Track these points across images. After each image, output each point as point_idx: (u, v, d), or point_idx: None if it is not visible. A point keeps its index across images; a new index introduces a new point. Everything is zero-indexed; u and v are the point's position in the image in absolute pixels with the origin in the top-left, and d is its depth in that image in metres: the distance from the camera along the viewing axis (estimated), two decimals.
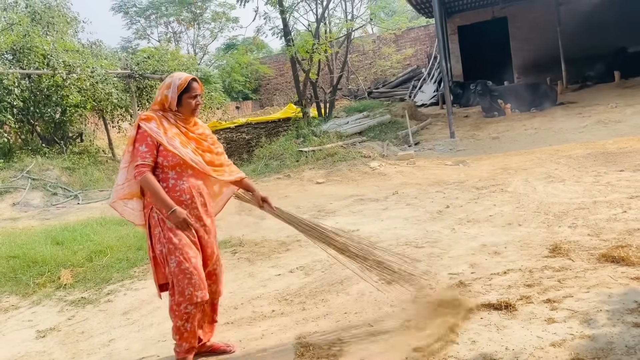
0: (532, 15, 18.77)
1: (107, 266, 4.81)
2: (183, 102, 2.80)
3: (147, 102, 12.18)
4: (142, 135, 2.71)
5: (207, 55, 28.78)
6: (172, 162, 2.71)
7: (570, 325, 2.71)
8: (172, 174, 2.73)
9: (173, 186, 2.73)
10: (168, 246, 2.67)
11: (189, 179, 2.77)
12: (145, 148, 2.69)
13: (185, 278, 2.65)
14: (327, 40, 13.02)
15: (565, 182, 5.89)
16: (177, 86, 2.77)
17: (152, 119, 2.73)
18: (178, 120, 2.81)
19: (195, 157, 2.77)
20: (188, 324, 2.74)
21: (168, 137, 2.72)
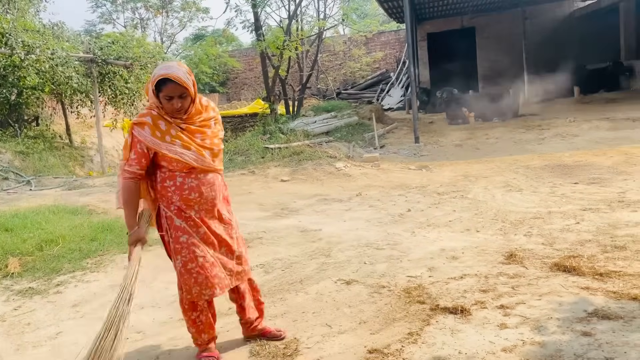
0: (499, 27, 19.27)
1: (58, 256, 4.63)
2: (162, 101, 2.55)
3: (108, 88, 11.83)
4: (134, 142, 2.56)
5: (174, 44, 28.29)
6: (177, 166, 2.57)
7: (521, 332, 2.77)
8: (178, 172, 2.60)
9: (181, 184, 2.60)
10: (174, 245, 2.62)
11: (197, 175, 2.61)
12: (134, 155, 2.56)
13: (191, 278, 2.61)
14: (299, 38, 12.98)
15: (523, 191, 6.05)
16: (152, 83, 2.53)
17: (145, 125, 2.53)
18: (175, 118, 2.59)
19: (199, 158, 2.59)
20: (203, 316, 2.72)
21: (167, 142, 2.54)
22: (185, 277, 2.62)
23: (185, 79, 2.50)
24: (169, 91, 2.49)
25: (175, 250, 2.63)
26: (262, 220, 5.78)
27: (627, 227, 4.31)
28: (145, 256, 4.59)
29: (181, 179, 2.59)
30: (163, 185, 2.61)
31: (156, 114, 2.57)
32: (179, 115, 2.58)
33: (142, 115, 2.59)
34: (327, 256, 4.35)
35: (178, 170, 2.58)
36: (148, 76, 12.17)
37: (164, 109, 2.56)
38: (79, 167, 11.37)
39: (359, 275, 3.83)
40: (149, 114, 2.58)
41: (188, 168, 2.58)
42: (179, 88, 2.49)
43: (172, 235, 2.62)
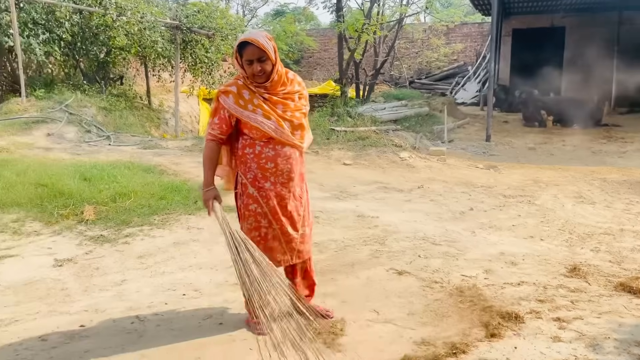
0: (591, 29, 18.11)
1: (129, 209, 4.92)
2: (244, 66, 2.62)
3: (189, 55, 12.23)
4: (218, 107, 2.69)
5: (255, 18, 28.72)
6: (257, 134, 2.66)
7: (575, 347, 2.68)
8: (258, 141, 2.69)
9: (259, 153, 2.69)
10: (244, 211, 2.74)
11: (275, 146, 2.68)
12: (217, 120, 2.69)
13: (256, 244, 2.69)
14: (378, 22, 12.83)
15: (596, 205, 5.76)
16: (235, 49, 2.64)
17: (230, 94, 2.65)
18: (259, 87, 2.66)
19: (278, 128, 2.65)
20: None
21: (249, 110, 2.63)
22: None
23: (263, 42, 2.56)
24: (249, 54, 2.57)
25: (243, 216, 2.75)
26: (320, 200, 5.84)
27: None
28: (207, 221, 4.80)
29: (260, 148, 2.68)
30: (243, 151, 2.71)
31: (242, 83, 2.67)
32: (260, 81, 2.63)
33: (229, 84, 2.72)
34: (382, 244, 4.36)
35: (258, 138, 2.67)
36: (228, 47, 12.51)
37: (248, 76, 2.64)
38: (154, 128, 11.92)
39: (411, 268, 3.82)
40: (234, 83, 2.69)
41: (267, 137, 2.66)
42: (257, 51, 2.56)
43: (244, 202, 2.74)
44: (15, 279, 3.52)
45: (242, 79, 2.68)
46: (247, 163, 2.71)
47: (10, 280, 3.50)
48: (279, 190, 2.72)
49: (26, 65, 10.43)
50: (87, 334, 2.82)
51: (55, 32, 9.87)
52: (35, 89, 9.83)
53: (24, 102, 9.24)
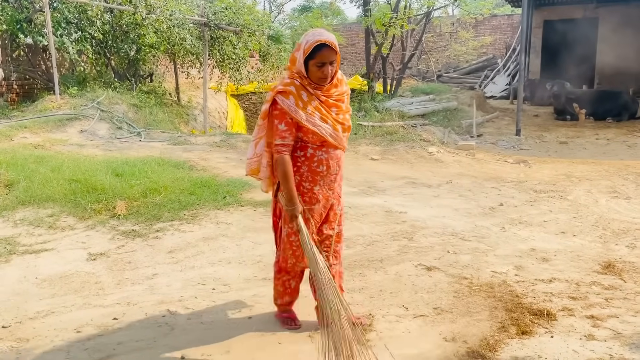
0: (626, 19, 17.51)
1: (160, 205, 5.01)
2: (310, 69, 2.49)
3: (217, 52, 12.34)
4: (281, 113, 2.50)
5: (282, 14, 28.80)
6: (312, 139, 2.56)
7: (610, 346, 2.62)
8: (311, 144, 2.58)
9: (311, 156, 2.58)
10: (285, 215, 2.62)
11: (328, 149, 2.60)
12: (284, 127, 2.50)
13: (290, 249, 2.69)
14: (406, 16, 12.70)
15: (631, 200, 5.59)
16: (304, 50, 2.46)
17: (290, 95, 2.49)
18: (317, 89, 2.54)
19: (334, 133, 2.57)
20: (292, 281, 2.84)
21: (308, 113, 2.51)
22: (286, 247, 2.70)
23: (336, 44, 2.49)
24: (324, 57, 2.45)
25: (284, 220, 2.67)
26: (348, 195, 5.83)
27: None
28: (236, 216, 4.85)
29: (312, 151, 2.58)
30: (293, 154, 2.57)
31: (299, 84, 2.52)
32: (323, 84, 2.54)
33: (286, 84, 2.53)
34: (410, 239, 4.33)
35: (311, 142, 2.57)
36: (255, 43, 12.55)
37: (310, 78, 2.51)
38: (183, 124, 12.08)
39: (440, 263, 3.78)
40: (292, 83, 2.53)
41: (321, 141, 2.57)
42: (332, 54, 2.46)
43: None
44: (51, 272, 3.63)
45: (298, 79, 2.53)
46: (297, 166, 2.59)
47: (46, 274, 3.61)
48: (325, 192, 2.66)
49: (59, 63, 10.71)
50: (120, 327, 2.89)
51: (87, 30, 10.08)
52: (68, 86, 10.07)
53: (57, 99, 9.49)
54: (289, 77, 2.57)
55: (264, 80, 13.30)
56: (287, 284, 2.85)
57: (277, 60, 13.15)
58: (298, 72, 2.53)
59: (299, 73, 2.53)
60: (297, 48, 2.52)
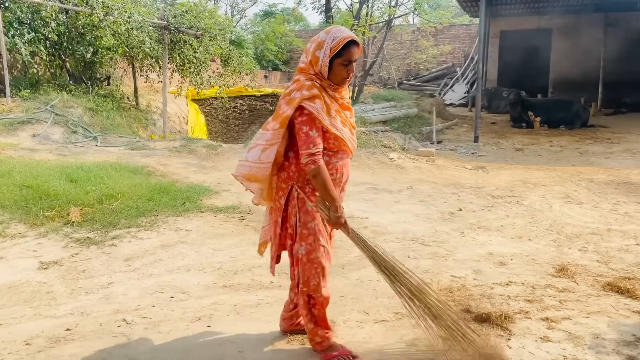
0: (578, 31, 18.32)
1: (116, 211, 4.86)
2: (334, 68, 2.33)
3: (177, 56, 12.14)
4: (310, 118, 2.31)
5: (244, 19, 28.65)
6: (332, 144, 2.40)
7: (564, 347, 2.69)
8: (327, 151, 2.41)
9: (327, 163, 2.39)
10: (301, 230, 2.44)
11: (342, 156, 2.47)
12: (316, 133, 2.31)
13: (312, 268, 2.45)
14: (367, 24, 12.85)
15: (583, 205, 5.81)
16: (330, 48, 2.30)
17: (317, 98, 2.31)
18: (335, 92, 2.41)
19: (351, 137, 2.47)
20: (315, 310, 2.53)
21: (331, 117, 2.36)
22: (307, 267, 2.45)
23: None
24: (352, 55, 2.33)
25: (301, 236, 2.44)
26: None
27: None
28: (195, 222, 4.76)
29: (327, 158, 2.40)
30: None
31: (320, 85, 2.36)
32: (344, 85, 2.43)
33: (310, 87, 2.34)
34: None
35: (330, 148, 2.41)
36: (216, 48, 12.41)
37: (332, 78, 2.37)
38: (142, 129, 11.81)
39: None
40: (314, 85, 2.34)
41: (336, 148, 2.43)
42: (358, 51, 2.36)
43: (301, 220, 2.44)
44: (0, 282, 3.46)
45: (317, 80, 2.37)
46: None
47: None
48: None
49: (11, 65, 10.28)
50: (73, 338, 2.78)
51: (41, 31, 9.73)
52: (20, 89, 9.68)
53: (9, 102, 9.10)
54: (308, 79, 2.37)
55: (225, 84, 13.18)
56: (313, 313, 2.52)
57: (238, 65, 13.05)
58: (317, 73, 2.36)
59: (318, 74, 2.36)
60: (317, 46, 2.34)
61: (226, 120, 16.65)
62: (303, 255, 2.45)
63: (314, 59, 2.35)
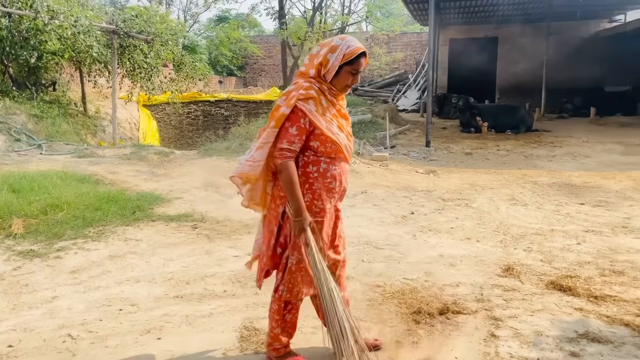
0: (522, 40, 19.13)
1: (62, 222, 4.69)
2: (340, 74, 2.38)
3: (127, 61, 11.85)
4: (297, 115, 2.32)
5: (197, 24, 28.28)
6: (329, 148, 2.38)
7: (510, 345, 2.78)
8: (324, 158, 2.40)
9: (324, 171, 2.39)
10: (295, 239, 2.40)
11: (340, 163, 2.45)
12: (295, 131, 2.32)
13: (298, 276, 2.43)
14: (321, 30, 12.96)
15: (528, 206, 6.04)
16: (344, 54, 2.35)
17: (311, 99, 2.33)
18: (334, 97, 2.44)
19: (348, 144, 2.47)
20: (290, 314, 2.55)
21: (327, 120, 2.38)
22: (294, 275, 2.43)
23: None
24: (360, 66, 2.40)
25: (294, 246, 2.41)
26: None
27: (628, 253, 4.30)
28: (146, 232, 4.65)
29: (325, 165, 2.40)
30: (305, 170, 2.39)
31: (318, 88, 2.39)
32: (345, 93, 2.48)
33: (306, 87, 2.37)
34: None
35: (325, 154, 2.40)
36: (168, 53, 12.20)
37: (335, 84, 2.41)
38: (90, 135, 11.45)
39: (356, 273, 3.85)
40: (311, 87, 2.37)
41: (333, 154, 2.42)
42: (365, 64, 2.44)
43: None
44: None
45: (316, 83, 2.40)
46: (310, 182, 2.39)
47: None
48: (333, 211, 2.51)
49: None
50: (16, 355, 2.66)
51: None
52: None
53: None
54: (306, 81, 2.41)
55: (178, 90, 12.97)
56: (282, 321, 2.54)
57: (191, 71, 12.88)
58: (319, 76, 2.41)
59: (318, 78, 2.41)
60: (330, 50, 2.38)
61: (179, 126, 16.37)
62: (293, 265, 2.43)
63: (324, 60, 2.39)
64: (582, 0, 14.22)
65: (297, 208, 2.31)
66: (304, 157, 2.40)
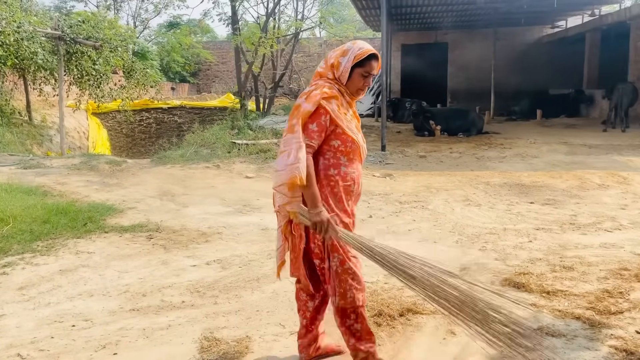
0: (470, 45, 19.75)
1: (8, 236, 4.47)
2: (353, 77, 2.41)
3: (75, 68, 11.46)
4: (318, 112, 2.32)
5: (147, 30, 27.69)
6: (349, 147, 2.39)
7: (468, 342, 2.84)
8: (344, 159, 2.40)
9: (345, 174, 2.40)
10: (331, 242, 2.37)
11: (357, 165, 2.47)
12: (315, 127, 2.32)
13: (348, 278, 2.39)
14: (275, 36, 12.95)
15: (481, 206, 6.21)
16: (355, 56, 2.38)
17: (333, 98, 2.36)
18: (352, 99, 2.48)
19: (363, 145, 2.50)
20: (357, 324, 2.47)
21: (347, 119, 2.41)
22: (342, 278, 2.39)
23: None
24: (372, 68, 2.41)
25: (332, 248, 2.38)
26: (223, 215, 5.73)
27: (576, 249, 4.49)
28: (98, 244, 4.50)
29: (345, 168, 2.41)
30: (327, 173, 2.38)
31: (337, 89, 2.42)
32: (359, 96, 2.50)
33: (329, 86, 2.40)
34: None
35: (344, 154, 2.40)
36: (118, 59, 11.88)
37: (348, 86, 2.43)
38: (37, 146, 11.00)
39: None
40: (332, 87, 2.41)
41: (352, 154, 2.42)
42: (378, 67, 2.45)
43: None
44: None
45: (335, 84, 2.42)
46: (331, 185, 2.38)
47: None
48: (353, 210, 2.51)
49: None
50: None
51: None
52: None
53: None
54: (326, 82, 2.43)
55: (129, 97, 12.64)
56: (353, 329, 2.46)
57: (142, 77, 12.58)
58: (336, 78, 2.43)
59: (335, 80, 2.43)
60: (342, 53, 2.42)
61: (131, 134, 15.96)
62: (337, 267, 2.40)
63: (336, 63, 2.43)
64: (526, 7, 14.81)
65: (313, 199, 2.27)
66: (324, 160, 2.39)
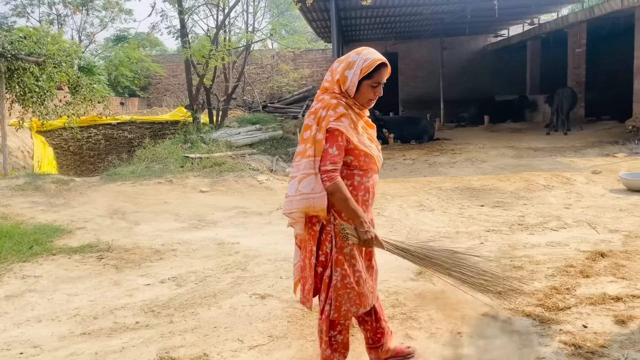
0: (419, 54, 20.29)
1: None
2: (361, 89, 2.34)
3: (17, 85, 10.99)
4: (333, 135, 2.26)
5: (93, 44, 26.97)
6: (362, 161, 2.36)
7: (427, 345, 2.90)
8: (357, 171, 2.37)
9: (359, 184, 2.38)
10: (337, 255, 2.36)
11: (372, 175, 2.44)
12: (335, 151, 2.26)
13: (345, 293, 2.38)
14: (226, 48, 12.87)
15: (435, 211, 6.35)
16: (361, 68, 2.30)
17: (342, 116, 2.29)
18: (360, 110, 2.41)
19: (379, 154, 2.47)
20: (340, 335, 2.48)
21: (359, 133, 2.37)
22: (340, 293, 2.38)
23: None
24: (382, 77, 2.35)
25: (336, 262, 2.37)
26: (177, 231, 5.61)
27: (525, 249, 4.65)
28: (46, 267, 4.32)
29: (359, 178, 2.38)
30: None
31: (345, 103, 2.34)
32: (369, 107, 2.44)
33: (334, 105, 2.31)
34: (244, 270, 4.31)
35: (359, 167, 2.37)
36: (62, 75, 11.49)
37: (357, 99, 2.36)
38: None
39: (274, 290, 3.83)
40: (339, 104, 2.32)
41: (366, 166, 2.39)
42: (387, 73, 2.38)
43: (337, 245, 2.36)
44: None
45: (342, 99, 2.35)
46: None
47: None
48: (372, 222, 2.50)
49: None
50: None
51: None
52: None
53: None
54: (333, 97, 2.35)
55: (75, 114, 12.21)
56: (333, 341, 2.48)
57: (89, 93, 12.19)
58: (342, 91, 2.36)
59: (343, 93, 2.36)
60: (347, 66, 2.33)
61: (79, 152, 15.44)
62: (338, 281, 2.37)
63: (342, 78, 2.35)
64: (470, 17, 15.35)
65: (360, 221, 2.30)
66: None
